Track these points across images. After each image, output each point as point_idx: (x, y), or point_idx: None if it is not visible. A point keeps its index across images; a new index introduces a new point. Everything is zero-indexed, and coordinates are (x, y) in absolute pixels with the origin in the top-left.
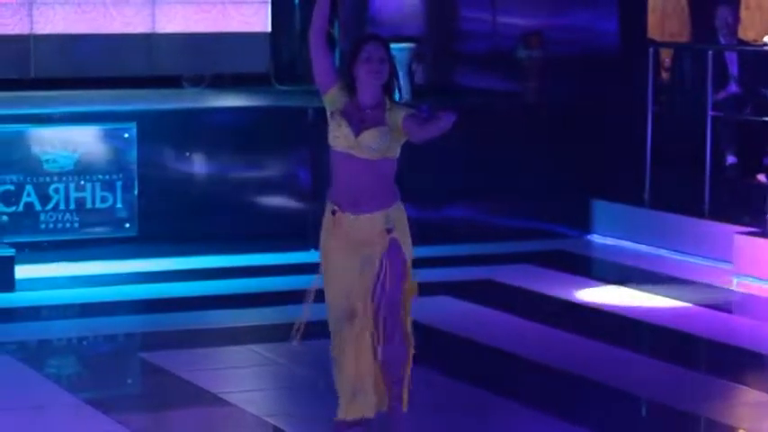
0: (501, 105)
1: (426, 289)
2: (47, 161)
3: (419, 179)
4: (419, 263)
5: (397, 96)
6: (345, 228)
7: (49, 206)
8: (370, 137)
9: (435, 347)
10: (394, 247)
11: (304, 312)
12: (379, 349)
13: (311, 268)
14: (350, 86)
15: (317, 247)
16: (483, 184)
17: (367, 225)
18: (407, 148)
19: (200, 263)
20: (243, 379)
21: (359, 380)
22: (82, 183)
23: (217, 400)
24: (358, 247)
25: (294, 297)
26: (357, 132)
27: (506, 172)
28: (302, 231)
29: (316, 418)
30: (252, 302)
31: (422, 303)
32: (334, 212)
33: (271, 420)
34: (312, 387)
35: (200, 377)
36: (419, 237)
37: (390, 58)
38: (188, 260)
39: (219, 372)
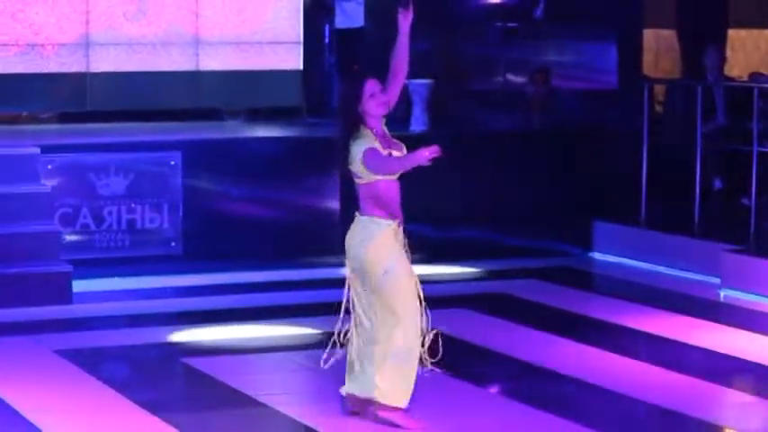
0: (511, 135)
1: (445, 302)
2: (101, 186)
3: (435, 202)
4: (437, 278)
5: (417, 125)
6: (399, 236)
7: (103, 227)
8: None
9: (453, 355)
10: None
11: None
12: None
13: (340, 283)
14: (357, 123)
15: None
16: (494, 206)
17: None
18: (426, 175)
19: (239, 278)
20: (279, 383)
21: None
22: (132, 205)
23: (254, 403)
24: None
25: (324, 309)
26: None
27: (515, 195)
28: (331, 250)
29: (348, 420)
30: (286, 314)
31: (441, 315)
32: (400, 224)
33: (304, 422)
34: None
35: (239, 381)
36: (436, 255)
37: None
38: (228, 275)
39: (257, 376)
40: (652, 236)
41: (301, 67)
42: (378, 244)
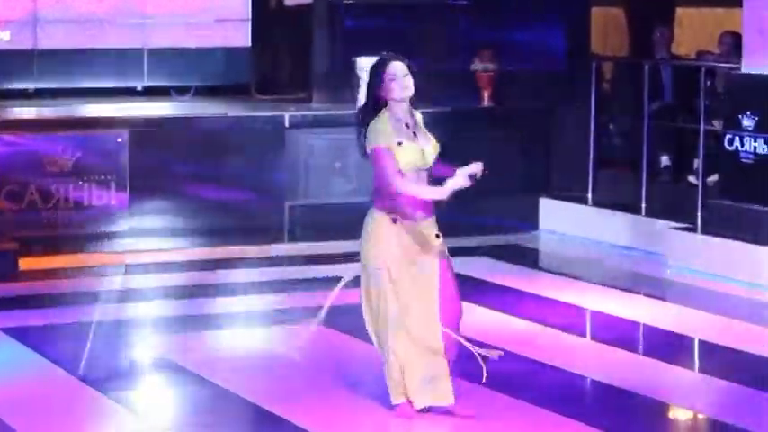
0: (458, 114)
1: None
2: (48, 163)
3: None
4: None
5: None
6: (404, 235)
7: (50, 204)
8: (434, 147)
9: None
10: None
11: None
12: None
13: (287, 260)
14: (378, 108)
15: (293, 240)
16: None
17: (423, 231)
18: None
19: (186, 255)
20: (228, 362)
21: (436, 367)
22: (80, 183)
23: (201, 381)
24: (415, 253)
25: (273, 286)
26: (424, 148)
27: None
28: (278, 227)
29: (298, 400)
30: (234, 291)
31: None
32: (395, 220)
33: (252, 400)
34: (294, 369)
35: (189, 360)
36: None
37: (410, 71)
38: (175, 253)
39: (206, 354)
40: (599, 213)
41: (249, 45)
42: (373, 239)
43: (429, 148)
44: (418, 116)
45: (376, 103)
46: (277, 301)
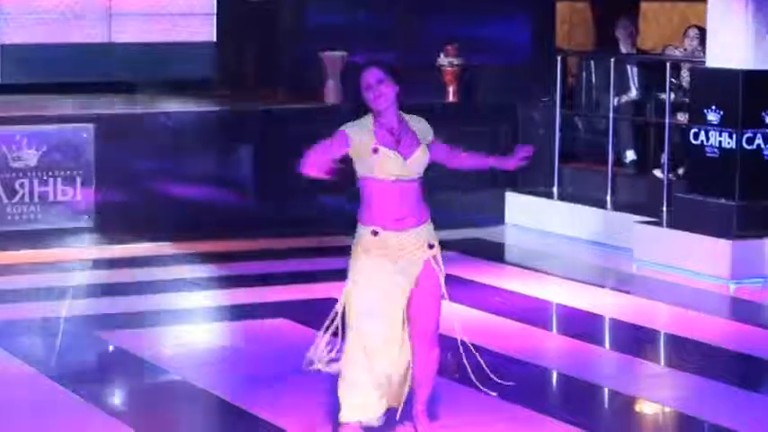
0: (425, 108)
1: None
2: (13, 158)
3: (349, 175)
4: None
5: (331, 98)
6: (388, 245)
7: (15, 199)
8: (419, 157)
9: None
10: (432, 262)
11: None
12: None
13: (254, 256)
14: (364, 112)
15: (257, 236)
16: None
17: (411, 240)
18: None
19: (151, 251)
20: (191, 356)
21: (389, 376)
22: (45, 178)
23: (166, 374)
24: (397, 260)
25: (240, 281)
26: (405, 156)
27: (428, 167)
28: (245, 222)
29: (262, 393)
30: (199, 286)
31: None
32: (375, 233)
33: (215, 393)
34: (257, 363)
35: (152, 354)
36: (352, 227)
37: (390, 75)
38: (140, 248)
39: (170, 349)
40: (565, 207)
41: (215, 39)
42: (354, 252)
43: (415, 155)
44: (415, 122)
45: (362, 108)
46: (242, 296)
